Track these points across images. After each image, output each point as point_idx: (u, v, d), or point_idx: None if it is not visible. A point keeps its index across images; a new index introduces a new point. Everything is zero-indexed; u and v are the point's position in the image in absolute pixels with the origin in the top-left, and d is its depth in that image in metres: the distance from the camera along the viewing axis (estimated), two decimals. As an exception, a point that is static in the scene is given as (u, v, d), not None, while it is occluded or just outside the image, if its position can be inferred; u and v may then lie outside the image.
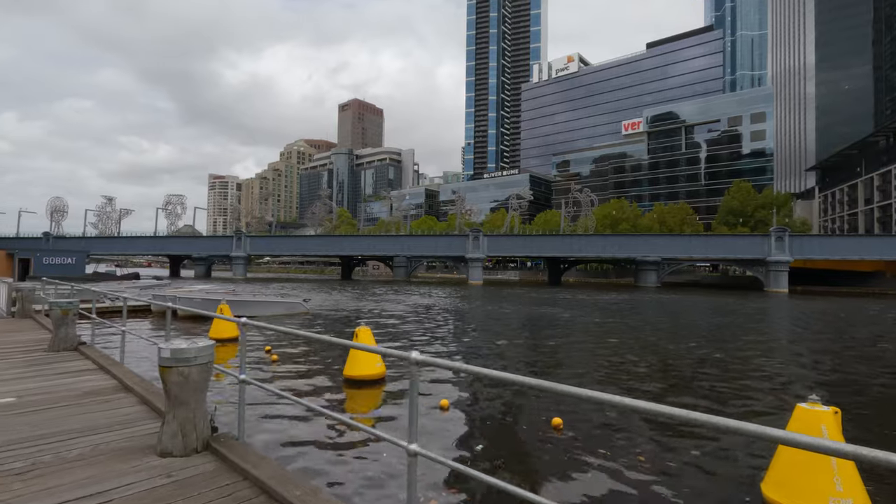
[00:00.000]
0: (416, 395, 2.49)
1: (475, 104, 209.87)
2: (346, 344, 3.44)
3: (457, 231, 79.70)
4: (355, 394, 8.32)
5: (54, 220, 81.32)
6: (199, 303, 18.19)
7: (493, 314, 24.47)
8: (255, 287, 41.10)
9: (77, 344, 8.06)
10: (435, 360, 2.53)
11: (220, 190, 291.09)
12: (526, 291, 49.86)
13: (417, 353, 2.54)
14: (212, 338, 13.17)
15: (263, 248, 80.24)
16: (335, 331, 17.32)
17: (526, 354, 13.11)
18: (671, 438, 6.10)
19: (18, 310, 12.35)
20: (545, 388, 1.95)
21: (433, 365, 2.53)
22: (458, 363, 2.64)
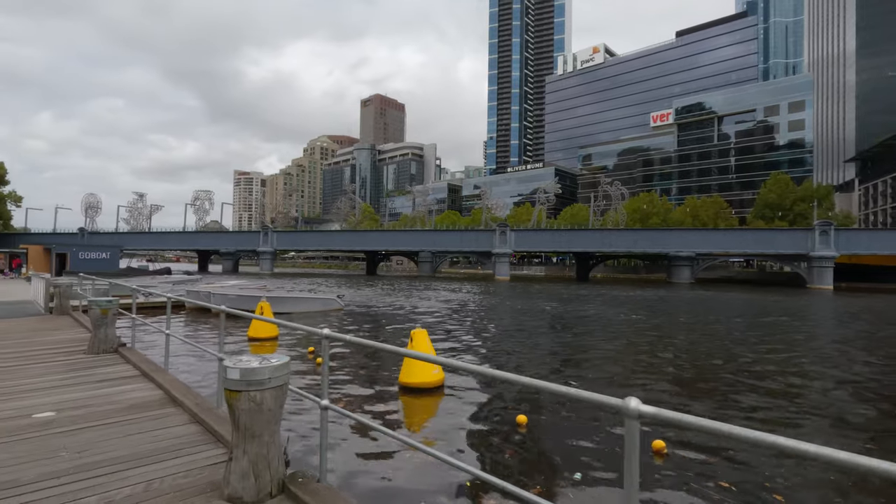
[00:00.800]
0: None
1: (497, 98, 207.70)
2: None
3: (482, 226, 78.62)
4: (413, 403, 7.58)
5: (88, 216, 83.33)
6: (234, 299, 17.80)
7: (535, 312, 23.53)
8: (284, 282, 40.99)
9: (117, 346, 7.52)
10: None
11: (245, 186, 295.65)
12: (556, 287, 48.64)
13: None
14: (250, 337, 12.66)
15: (289, 243, 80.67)
16: (373, 328, 16.68)
17: (607, 363, 12.19)
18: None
19: (56, 306, 12.03)
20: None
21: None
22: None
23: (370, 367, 10.09)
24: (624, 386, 9.00)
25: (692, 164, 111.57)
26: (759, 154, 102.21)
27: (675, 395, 8.40)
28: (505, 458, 5.37)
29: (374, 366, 10.17)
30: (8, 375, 5.98)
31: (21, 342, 8.28)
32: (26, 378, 5.86)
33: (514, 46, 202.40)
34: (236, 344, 12.35)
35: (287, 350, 11.84)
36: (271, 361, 3.03)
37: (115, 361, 6.87)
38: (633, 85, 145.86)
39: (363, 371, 9.67)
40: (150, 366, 6.30)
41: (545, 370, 10.39)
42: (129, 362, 6.74)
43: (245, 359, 3.06)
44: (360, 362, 10.46)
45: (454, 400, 7.70)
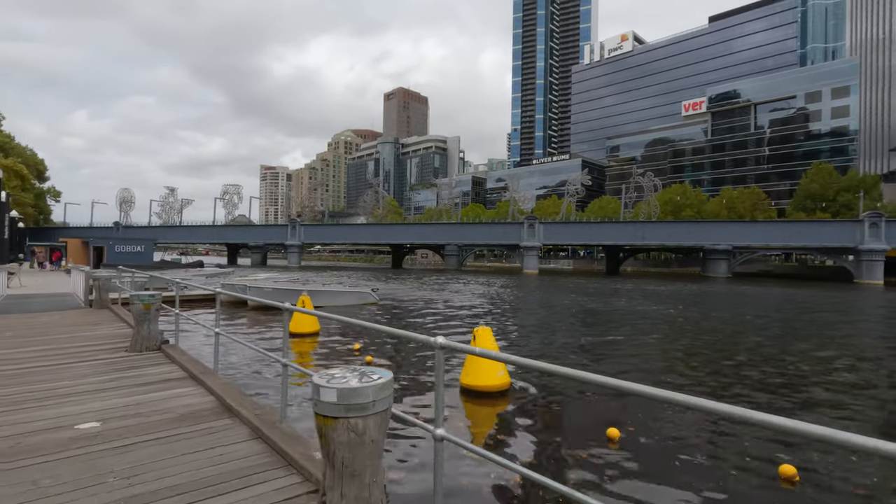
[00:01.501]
0: None
1: (522, 89, 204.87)
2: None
3: (509, 218, 77.47)
4: (477, 410, 6.88)
5: (123, 210, 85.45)
6: (270, 293, 17.45)
7: (576, 308, 22.60)
8: (313, 275, 40.93)
9: (160, 343, 7.05)
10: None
11: (271, 181, 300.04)
12: (587, 282, 47.35)
13: None
14: (292, 332, 12.18)
15: (316, 237, 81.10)
16: (412, 323, 16.08)
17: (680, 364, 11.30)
18: None
19: (95, 299, 11.77)
20: None
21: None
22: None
23: (418, 363, 9.44)
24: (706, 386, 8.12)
25: (726, 153, 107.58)
26: (798, 143, 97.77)
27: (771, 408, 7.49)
28: (605, 482, 4.61)
29: (422, 362, 9.51)
30: (49, 376, 5.52)
31: (62, 338, 7.92)
32: (68, 379, 5.39)
33: (539, 36, 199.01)
34: (276, 339, 11.90)
35: (331, 346, 11.31)
36: (373, 378, 2.35)
37: (159, 361, 6.37)
38: (664, 73, 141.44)
39: (413, 369, 9.03)
40: (198, 367, 5.76)
41: (609, 369, 9.55)
42: (174, 362, 6.23)
43: (337, 374, 2.39)
44: (406, 358, 9.83)
45: (526, 406, 6.97)
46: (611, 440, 5.38)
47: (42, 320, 9.87)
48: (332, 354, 10.42)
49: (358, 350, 10.38)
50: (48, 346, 7.17)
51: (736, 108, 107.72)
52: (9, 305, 12.62)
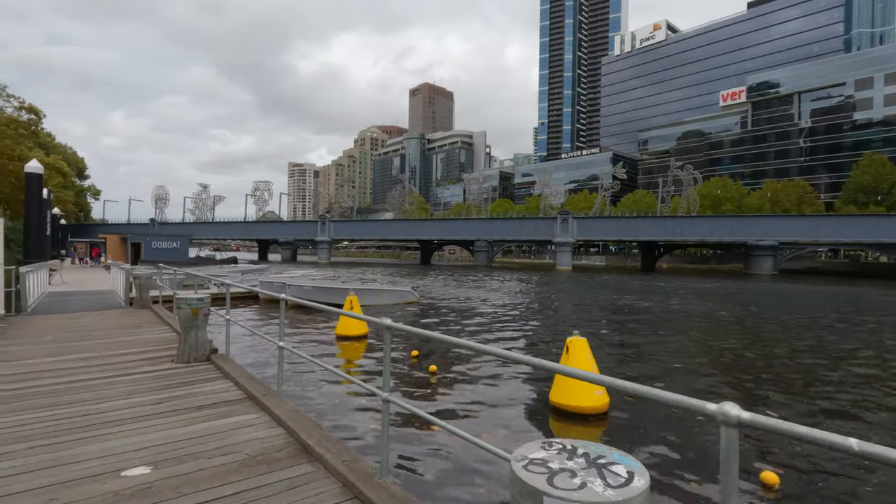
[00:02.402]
0: None
1: (549, 82, 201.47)
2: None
3: (541, 213, 75.76)
4: (569, 435, 5.86)
5: (158, 206, 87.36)
6: (310, 291, 16.77)
7: (623, 307, 21.27)
8: (346, 271, 40.51)
9: (209, 352, 6.26)
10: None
11: (299, 178, 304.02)
12: (625, 279, 45.57)
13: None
14: (338, 334, 11.38)
15: (346, 233, 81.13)
16: (456, 325, 15.12)
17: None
18: None
19: (136, 298, 11.23)
20: None
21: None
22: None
23: (501, 379, 8.46)
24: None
25: (767, 145, 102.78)
26: (846, 133, 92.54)
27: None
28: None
29: (511, 377, 8.53)
30: (91, 394, 4.76)
31: (103, 343, 7.25)
32: (112, 399, 4.61)
33: (567, 28, 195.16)
34: (323, 345, 11.11)
35: (381, 352, 10.46)
36: (624, 479, 1.35)
37: (210, 375, 5.57)
38: (698, 63, 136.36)
39: (495, 385, 8.04)
40: (258, 386, 4.92)
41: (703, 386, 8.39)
42: (227, 377, 5.41)
43: (556, 466, 1.41)
44: (477, 369, 8.86)
45: (632, 435, 5.91)
46: (768, 487, 4.27)
47: (83, 322, 9.31)
48: (379, 359, 9.55)
49: (416, 358, 9.48)
50: (89, 355, 6.48)
51: (778, 97, 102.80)
52: (50, 304, 12.23)
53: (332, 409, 6.55)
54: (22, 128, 32.84)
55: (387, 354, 3.10)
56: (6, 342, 7.29)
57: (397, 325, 3.02)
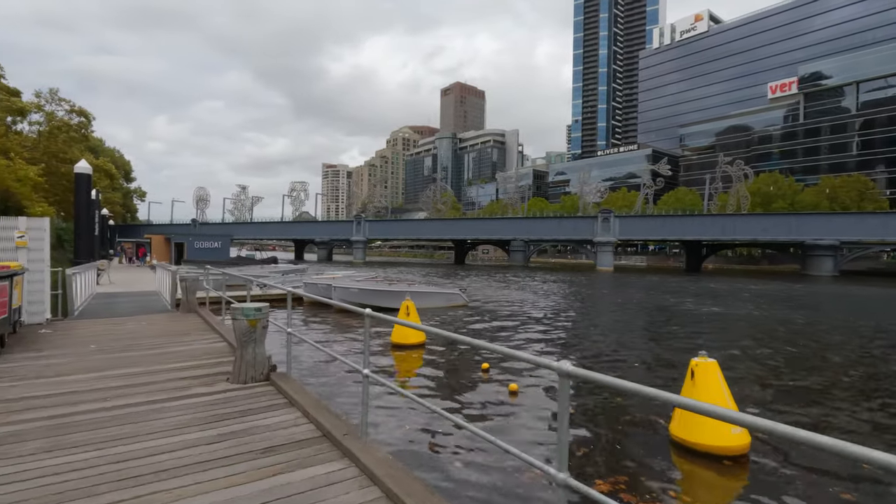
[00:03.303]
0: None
1: (583, 78, 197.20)
2: None
3: (579, 212, 73.55)
4: (699, 480, 4.71)
5: (199, 207, 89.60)
6: (357, 293, 16.00)
7: (684, 311, 19.67)
8: (380, 271, 39.92)
9: (269, 370, 5.41)
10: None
11: (332, 178, 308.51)
12: (672, 280, 43.29)
13: None
14: (394, 343, 10.48)
15: (380, 233, 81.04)
16: (512, 331, 14.01)
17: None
18: None
19: (182, 302, 10.64)
20: None
21: None
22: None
23: (604, 402, 7.33)
24: None
25: (820, 138, 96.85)
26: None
27: None
28: None
29: (607, 400, 7.41)
30: (135, 427, 3.94)
31: (150, 356, 6.53)
32: (159, 435, 3.77)
33: (602, 22, 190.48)
34: (378, 355, 10.22)
35: (446, 363, 9.47)
36: None
37: (273, 400, 4.69)
38: (744, 54, 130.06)
39: (602, 413, 6.93)
40: (334, 421, 3.97)
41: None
42: (293, 404, 4.51)
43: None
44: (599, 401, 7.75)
45: (778, 484, 4.70)
46: None
47: (128, 328, 8.71)
48: (455, 376, 8.55)
49: (486, 371, 8.45)
50: (134, 370, 5.74)
51: (831, 88, 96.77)
52: (97, 307, 11.83)
53: (430, 461, 5.22)
54: (73, 131, 33.65)
55: (562, 409, 2.04)
56: (50, 352, 6.68)
57: (579, 373, 1.96)
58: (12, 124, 31.46)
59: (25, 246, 8.75)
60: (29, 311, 8.78)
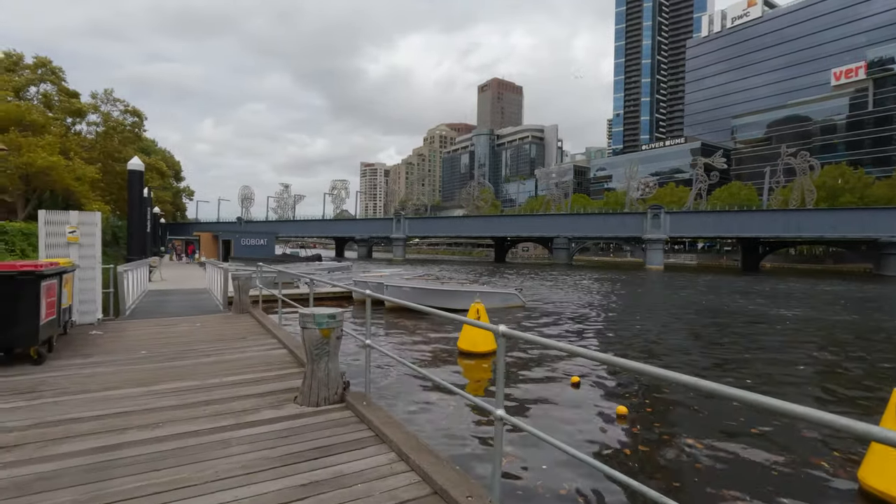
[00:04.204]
0: None
1: (625, 71, 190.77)
2: None
3: (626, 208, 70.66)
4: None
5: (244, 206, 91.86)
6: (409, 292, 15.14)
7: (771, 316, 17.81)
8: (423, 269, 39.15)
9: (342, 389, 4.50)
10: None
11: (370, 177, 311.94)
12: (734, 280, 40.52)
13: None
14: (462, 349, 9.49)
15: (420, 230, 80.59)
16: (583, 336, 12.76)
17: None
18: None
19: (235, 302, 10.01)
20: None
21: None
22: None
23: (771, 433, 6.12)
24: None
25: (893, 127, 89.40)
26: None
27: None
28: None
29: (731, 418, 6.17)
30: (193, 469, 3.07)
31: (205, 365, 5.77)
32: (225, 486, 2.88)
33: (646, 11, 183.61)
34: (444, 365, 9.26)
35: (524, 375, 8.40)
36: None
37: (356, 432, 3.75)
38: (801, 39, 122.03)
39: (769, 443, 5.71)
40: (443, 471, 2.98)
41: None
42: (382, 440, 3.55)
43: None
44: (682, 407, 6.54)
45: None
46: None
47: (181, 330, 8.08)
48: (536, 390, 7.47)
49: (576, 382, 7.32)
50: (189, 384, 4.96)
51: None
52: (148, 305, 11.43)
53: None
54: (127, 131, 34.58)
55: None
56: (98, 358, 6.04)
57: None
58: (72, 125, 32.49)
59: (77, 241, 8.26)
60: (80, 310, 8.30)
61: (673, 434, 5.55)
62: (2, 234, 15.70)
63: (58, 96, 30.84)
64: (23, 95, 29.43)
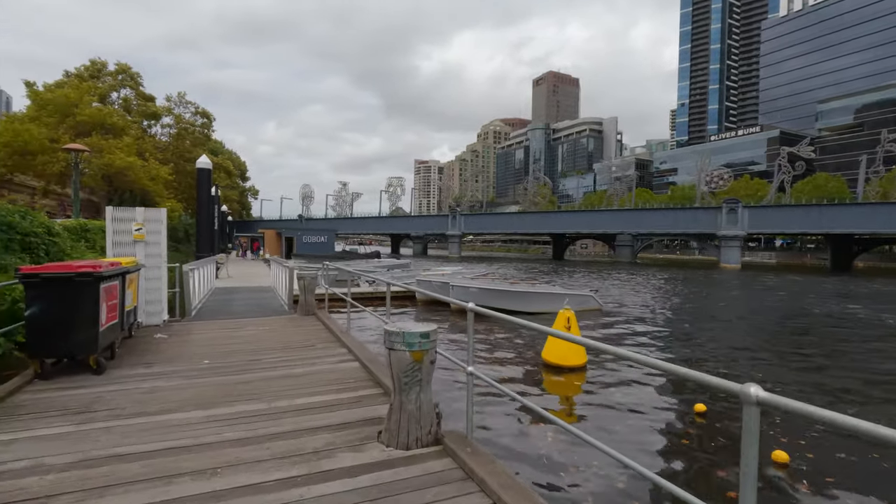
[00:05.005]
0: None
1: (691, 57, 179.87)
2: None
3: (696, 203, 66.12)
4: None
5: (304, 204, 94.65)
6: (476, 293, 14.16)
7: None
8: (482, 267, 38.05)
9: (436, 428, 3.58)
10: None
11: (424, 174, 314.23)
12: (827, 281, 36.46)
13: None
14: (547, 361, 8.39)
15: (476, 227, 79.51)
16: (675, 348, 11.26)
17: None
18: None
19: (301, 303, 9.44)
20: None
21: None
22: None
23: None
24: None
25: None
26: None
27: None
28: None
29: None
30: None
31: (271, 382, 5.05)
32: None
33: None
34: (530, 384, 8.20)
35: (620, 394, 7.20)
36: None
37: (461, 492, 2.81)
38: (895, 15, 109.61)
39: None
40: None
41: None
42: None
43: None
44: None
45: None
46: None
47: (246, 334, 7.55)
48: (650, 419, 6.25)
49: (701, 413, 6.04)
50: (255, 408, 4.22)
51: None
52: (214, 304, 11.16)
53: None
54: (197, 132, 36.04)
55: None
56: (159, 369, 5.49)
57: None
58: (148, 128, 34.16)
59: (143, 239, 7.92)
60: (146, 311, 7.96)
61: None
62: (84, 232, 16.28)
63: (136, 100, 32.52)
64: (106, 101, 31.19)
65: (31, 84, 26.28)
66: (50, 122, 25.08)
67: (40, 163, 24.03)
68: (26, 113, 26.52)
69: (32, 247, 7.70)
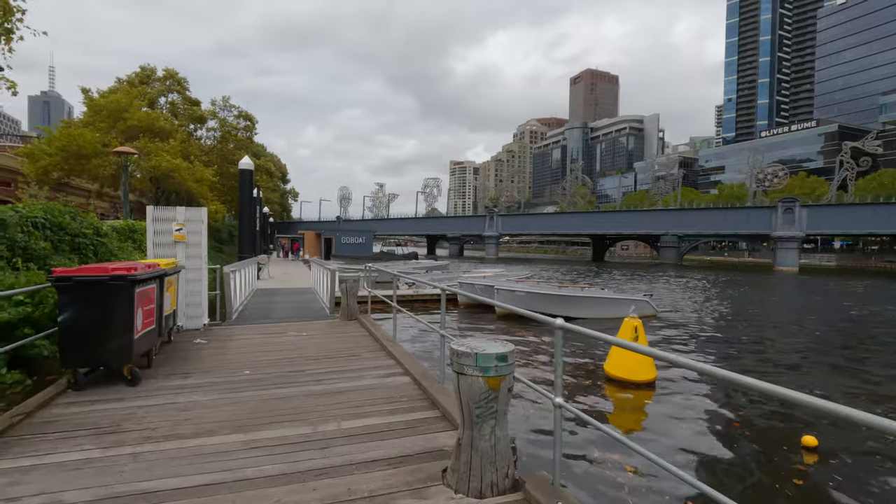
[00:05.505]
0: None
1: (738, 51, 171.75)
2: None
3: (749, 202, 62.70)
4: None
5: (342, 205, 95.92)
6: (524, 297, 13.42)
7: None
8: (522, 269, 37.08)
9: (514, 470, 2.94)
10: None
11: (459, 175, 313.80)
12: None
13: None
14: (610, 374, 7.60)
15: (513, 227, 78.26)
16: (760, 364, 10.17)
17: None
18: None
19: (343, 307, 9.00)
20: None
21: None
22: None
23: None
24: None
25: None
26: None
27: None
28: None
29: None
30: None
31: (315, 398, 4.54)
32: None
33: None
34: (588, 394, 7.43)
35: (704, 416, 6.35)
36: None
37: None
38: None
39: None
40: None
41: None
42: None
43: None
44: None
45: None
46: None
47: (287, 340, 7.14)
48: (749, 451, 5.38)
49: (810, 445, 5.14)
50: (298, 432, 3.69)
51: None
52: (255, 307, 10.91)
53: None
54: (240, 135, 36.82)
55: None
56: (196, 382, 5.08)
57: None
58: (193, 131, 35.07)
59: (184, 240, 7.64)
60: (186, 314, 7.69)
61: None
62: (131, 233, 16.56)
63: (182, 105, 33.44)
64: (154, 105, 32.20)
65: (86, 91, 27.33)
66: (102, 127, 25.98)
67: (93, 166, 24.90)
68: (82, 119, 27.62)
69: (81, 247, 7.60)
